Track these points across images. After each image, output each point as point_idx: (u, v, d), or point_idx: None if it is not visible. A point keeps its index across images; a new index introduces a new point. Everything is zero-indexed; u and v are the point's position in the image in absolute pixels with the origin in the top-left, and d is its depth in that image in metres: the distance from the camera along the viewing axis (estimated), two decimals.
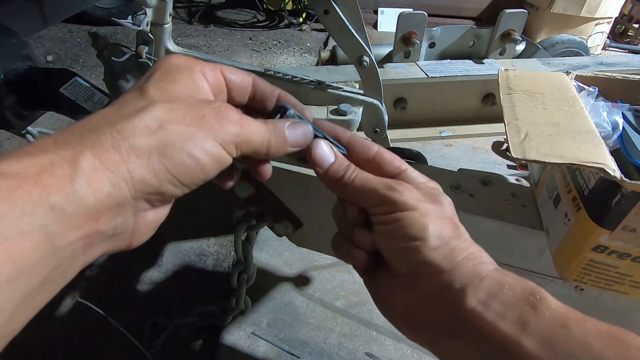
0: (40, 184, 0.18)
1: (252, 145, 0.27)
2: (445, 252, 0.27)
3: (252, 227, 0.67)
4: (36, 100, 0.64)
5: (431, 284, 0.27)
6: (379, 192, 0.29)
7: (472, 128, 0.88)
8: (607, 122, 0.45)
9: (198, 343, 0.97)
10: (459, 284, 0.26)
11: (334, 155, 0.31)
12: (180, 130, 0.23)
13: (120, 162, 0.21)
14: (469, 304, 0.25)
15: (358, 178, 0.30)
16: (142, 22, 0.54)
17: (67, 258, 0.20)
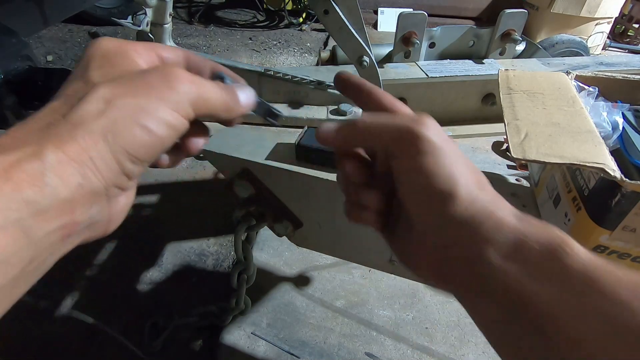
0: (11, 180, 0.18)
1: (210, 103, 0.25)
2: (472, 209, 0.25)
3: (252, 227, 0.67)
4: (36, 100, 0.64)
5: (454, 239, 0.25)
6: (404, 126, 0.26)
7: (472, 128, 0.88)
8: (607, 122, 0.45)
9: (198, 343, 0.97)
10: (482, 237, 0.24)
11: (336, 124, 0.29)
12: (127, 103, 0.22)
13: (82, 152, 0.21)
14: (494, 261, 0.24)
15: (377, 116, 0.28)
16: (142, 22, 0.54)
17: (45, 249, 0.20)
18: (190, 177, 1.48)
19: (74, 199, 0.20)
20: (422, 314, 1.02)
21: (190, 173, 1.50)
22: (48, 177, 0.19)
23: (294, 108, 0.64)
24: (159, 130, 0.23)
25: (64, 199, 0.20)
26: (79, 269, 1.13)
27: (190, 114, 0.24)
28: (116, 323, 1.00)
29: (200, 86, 0.25)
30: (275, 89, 0.64)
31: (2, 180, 0.18)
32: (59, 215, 0.20)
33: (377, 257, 0.64)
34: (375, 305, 1.03)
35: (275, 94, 0.65)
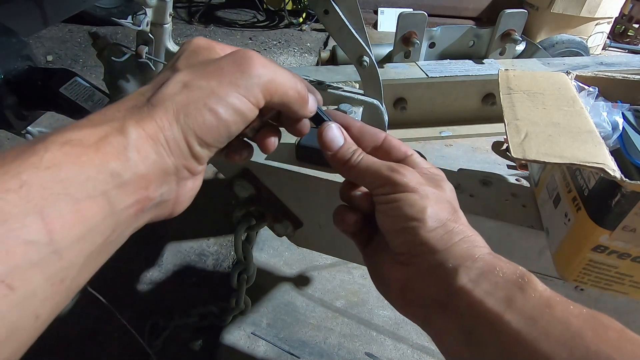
0: (101, 152, 0.20)
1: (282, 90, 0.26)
2: (442, 233, 0.28)
3: (252, 227, 0.67)
4: (36, 100, 0.64)
5: (426, 263, 0.28)
6: (382, 174, 0.30)
7: (472, 128, 0.87)
8: (607, 122, 0.45)
9: (198, 343, 0.97)
10: (452, 263, 0.27)
11: (343, 139, 0.33)
12: (201, 85, 0.23)
13: (158, 130, 0.22)
14: (460, 281, 0.26)
15: (364, 161, 0.31)
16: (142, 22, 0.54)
17: (123, 222, 0.21)
18: None
19: (149, 175, 0.22)
20: None
21: None
22: (130, 152, 0.21)
23: None
24: (225, 114, 0.24)
25: (141, 174, 0.21)
26: None
27: (260, 101, 0.25)
28: (116, 323, 1.00)
29: (274, 71, 0.26)
30: None
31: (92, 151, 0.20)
32: (137, 189, 0.21)
33: None
34: (375, 305, 1.03)
35: None
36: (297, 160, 0.56)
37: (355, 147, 0.32)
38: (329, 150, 0.32)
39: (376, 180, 0.30)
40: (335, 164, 0.33)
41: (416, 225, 0.28)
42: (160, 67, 0.61)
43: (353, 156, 0.32)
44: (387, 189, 0.30)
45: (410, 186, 0.29)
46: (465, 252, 0.27)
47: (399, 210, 0.29)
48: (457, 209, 0.31)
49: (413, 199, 0.28)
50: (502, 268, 0.26)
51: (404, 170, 0.30)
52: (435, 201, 0.29)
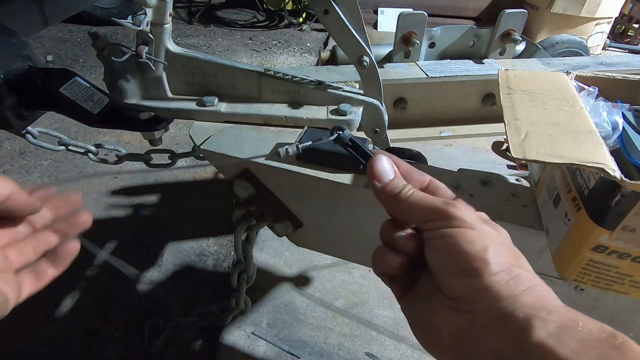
0: None
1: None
2: (507, 278, 0.25)
3: (252, 227, 0.67)
4: (36, 100, 0.64)
5: (488, 311, 0.24)
6: (436, 206, 0.28)
7: (472, 128, 0.88)
8: (607, 122, 0.45)
9: (198, 343, 0.97)
10: (522, 313, 0.23)
11: (393, 172, 0.32)
12: None
13: None
14: (537, 336, 0.22)
15: (415, 194, 0.30)
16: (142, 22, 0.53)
17: None
18: (191, 177, 1.48)
19: None
20: None
21: (190, 173, 1.50)
22: None
23: (294, 108, 0.64)
24: None
25: None
26: (79, 269, 1.13)
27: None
28: (116, 323, 1.00)
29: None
30: (275, 89, 0.64)
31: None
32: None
33: None
34: (375, 305, 1.03)
35: (275, 94, 0.65)
36: (297, 160, 0.56)
37: (404, 182, 0.32)
38: (379, 182, 0.31)
39: (429, 213, 0.28)
40: (384, 196, 0.31)
41: (478, 267, 0.25)
42: (161, 67, 0.61)
43: (404, 189, 0.31)
44: (441, 222, 0.28)
45: (468, 222, 0.27)
46: (537, 301, 0.24)
47: (456, 247, 0.26)
48: (520, 255, 0.28)
49: (472, 236, 0.26)
50: (586, 323, 0.23)
51: (460, 204, 0.28)
52: (497, 242, 0.27)
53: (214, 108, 0.63)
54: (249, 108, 0.64)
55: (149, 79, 0.62)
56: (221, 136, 0.60)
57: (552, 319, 0.23)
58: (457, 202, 0.29)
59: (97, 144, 0.74)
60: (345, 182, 0.54)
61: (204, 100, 0.63)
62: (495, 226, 0.30)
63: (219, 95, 0.64)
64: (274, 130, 0.63)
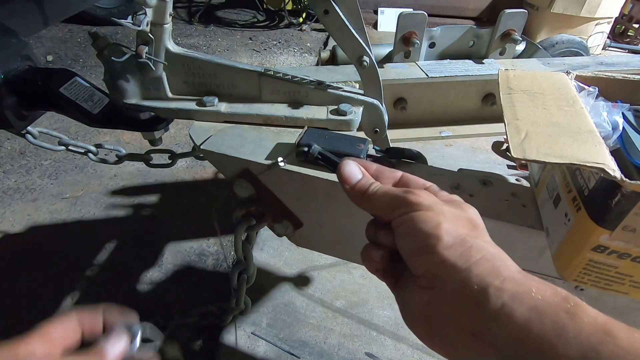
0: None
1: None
2: (460, 250, 0.26)
3: (252, 227, 0.67)
4: (36, 100, 0.64)
5: (450, 285, 0.26)
6: (397, 196, 0.31)
7: (472, 128, 0.88)
8: (607, 122, 0.45)
9: (198, 343, 0.97)
10: (477, 284, 0.24)
11: (361, 174, 0.34)
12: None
13: None
14: (492, 306, 0.23)
15: (381, 189, 0.33)
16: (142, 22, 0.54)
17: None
18: (191, 177, 1.48)
19: None
20: None
21: (190, 173, 1.50)
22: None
23: (294, 108, 0.64)
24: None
25: None
26: (79, 269, 1.13)
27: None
28: None
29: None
30: (275, 89, 0.64)
31: None
32: None
33: None
34: (375, 305, 1.03)
35: (275, 94, 0.65)
36: (297, 160, 0.56)
37: (372, 180, 0.34)
38: (347, 184, 0.34)
39: (392, 203, 0.31)
40: (354, 195, 0.33)
41: (432, 243, 0.27)
42: (160, 67, 0.61)
43: (371, 187, 0.33)
44: (402, 209, 0.30)
45: (425, 204, 0.29)
46: (490, 270, 0.25)
47: (413, 229, 0.28)
48: (480, 226, 0.30)
49: (427, 216, 0.28)
50: (539, 289, 0.23)
51: (419, 191, 0.30)
52: (452, 218, 0.28)
53: (214, 108, 0.63)
54: (249, 108, 0.64)
55: (149, 79, 0.62)
56: (221, 136, 0.60)
57: (506, 287, 0.23)
58: (416, 190, 0.31)
59: (97, 144, 0.74)
60: None
61: (204, 100, 0.63)
62: (460, 204, 0.31)
63: (219, 95, 0.64)
64: (274, 130, 0.63)
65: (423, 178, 0.54)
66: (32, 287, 1.08)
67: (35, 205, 1.36)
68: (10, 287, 1.08)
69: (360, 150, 0.53)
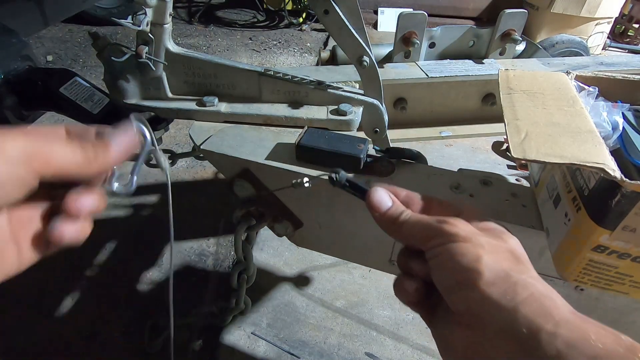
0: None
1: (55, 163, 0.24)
2: (505, 287, 0.24)
3: (252, 227, 0.67)
4: (36, 100, 0.64)
5: (492, 325, 0.24)
6: (431, 225, 0.29)
7: (472, 128, 0.88)
8: (607, 122, 0.45)
9: (198, 343, 0.97)
10: (525, 327, 0.22)
11: (391, 201, 0.33)
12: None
13: None
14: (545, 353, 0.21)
15: (412, 217, 0.31)
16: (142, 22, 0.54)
17: None
18: (190, 177, 1.48)
19: None
20: None
21: (190, 173, 1.49)
22: None
23: (294, 108, 0.64)
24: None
25: None
26: (79, 269, 1.13)
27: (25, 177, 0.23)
28: (116, 323, 1.00)
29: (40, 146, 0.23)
30: (275, 89, 0.64)
31: None
32: None
33: (377, 257, 0.64)
34: (375, 305, 1.03)
35: (275, 94, 0.65)
36: (297, 160, 0.56)
37: (403, 208, 0.32)
38: (377, 212, 0.32)
39: (426, 233, 0.29)
40: (385, 223, 0.32)
41: (472, 278, 0.25)
42: (160, 67, 0.61)
43: (402, 215, 0.31)
44: (437, 240, 0.28)
45: (462, 235, 0.27)
46: (539, 310, 0.23)
47: (451, 262, 0.26)
48: (523, 259, 0.28)
49: (465, 248, 0.26)
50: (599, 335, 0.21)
51: (454, 220, 0.28)
52: (492, 250, 0.26)
53: (214, 108, 0.63)
54: (249, 108, 0.64)
55: (149, 79, 0.62)
56: (221, 136, 0.60)
57: (560, 331, 0.21)
58: (451, 219, 0.29)
59: None
60: None
61: (204, 100, 0.63)
62: (497, 234, 0.29)
63: (219, 95, 0.64)
64: (274, 130, 0.63)
65: (423, 178, 0.54)
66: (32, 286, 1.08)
67: None
68: (10, 287, 1.08)
69: (360, 150, 0.53)
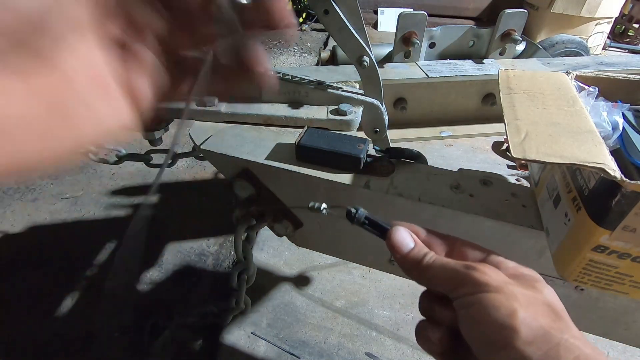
0: None
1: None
2: (546, 348, 0.22)
3: (252, 227, 0.67)
4: None
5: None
6: (459, 272, 0.27)
7: (472, 128, 0.88)
8: (607, 122, 0.45)
9: (198, 343, 0.97)
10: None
11: (413, 242, 0.31)
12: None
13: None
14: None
15: (438, 261, 0.29)
16: None
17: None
18: (191, 177, 1.48)
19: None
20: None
21: (190, 173, 1.50)
22: None
23: (294, 108, 0.64)
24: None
25: None
26: (79, 269, 1.13)
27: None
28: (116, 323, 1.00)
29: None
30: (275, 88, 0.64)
31: None
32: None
33: (377, 257, 0.64)
34: (375, 305, 1.03)
35: (275, 94, 0.65)
36: (297, 160, 0.56)
37: (426, 249, 0.30)
38: (398, 253, 0.30)
39: (453, 280, 0.27)
40: (407, 265, 0.30)
41: (507, 336, 0.23)
42: None
43: (426, 257, 0.29)
44: (466, 289, 0.26)
45: (493, 285, 0.25)
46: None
47: (483, 316, 0.24)
48: (562, 314, 0.25)
49: (498, 300, 0.24)
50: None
51: (484, 267, 0.26)
52: (528, 303, 0.24)
53: (214, 108, 0.63)
54: (249, 108, 0.64)
55: None
56: (221, 136, 0.60)
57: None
58: (481, 266, 0.26)
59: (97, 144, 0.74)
60: (345, 182, 0.54)
61: (204, 100, 0.63)
62: (531, 283, 0.27)
63: None
64: (274, 130, 0.63)
65: (423, 178, 0.54)
66: (32, 286, 1.08)
67: (35, 205, 1.36)
68: (10, 287, 1.08)
69: (360, 150, 0.53)
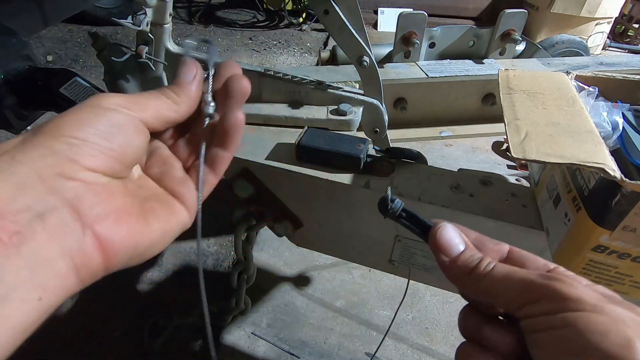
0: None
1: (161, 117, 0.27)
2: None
3: (252, 227, 0.67)
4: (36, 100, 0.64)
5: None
6: (532, 283, 0.21)
7: (472, 128, 0.88)
8: (607, 122, 0.45)
9: (198, 343, 0.97)
10: None
11: (464, 243, 0.25)
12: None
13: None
14: None
15: (498, 268, 0.23)
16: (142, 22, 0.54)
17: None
18: None
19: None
20: (422, 314, 1.02)
21: None
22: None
23: (294, 108, 0.64)
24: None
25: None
26: None
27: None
28: (116, 323, 1.00)
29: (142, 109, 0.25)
30: (275, 89, 0.64)
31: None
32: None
33: (377, 257, 0.64)
34: (375, 305, 1.03)
35: (275, 94, 0.65)
36: (297, 160, 0.56)
37: (480, 254, 0.24)
38: (446, 256, 0.24)
39: (525, 293, 0.21)
40: (457, 272, 0.24)
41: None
42: (160, 67, 0.61)
43: (481, 263, 0.23)
44: (546, 306, 0.20)
45: (589, 302, 0.19)
46: None
47: (580, 342, 0.18)
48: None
49: (602, 324, 0.18)
50: None
51: (570, 279, 0.20)
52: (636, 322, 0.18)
53: None
54: (249, 108, 0.64)
55: (149, 79, 0.62)
56: None
57: None
58: (563, 276, 0.21)
59: None
60: (345, 182, 0.54)
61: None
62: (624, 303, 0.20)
63: None
64: (274, 130, 0.63)
65: (423, 178, 0.54)
66: None
67: None
68: None
69: (360, 150, 0.53)
